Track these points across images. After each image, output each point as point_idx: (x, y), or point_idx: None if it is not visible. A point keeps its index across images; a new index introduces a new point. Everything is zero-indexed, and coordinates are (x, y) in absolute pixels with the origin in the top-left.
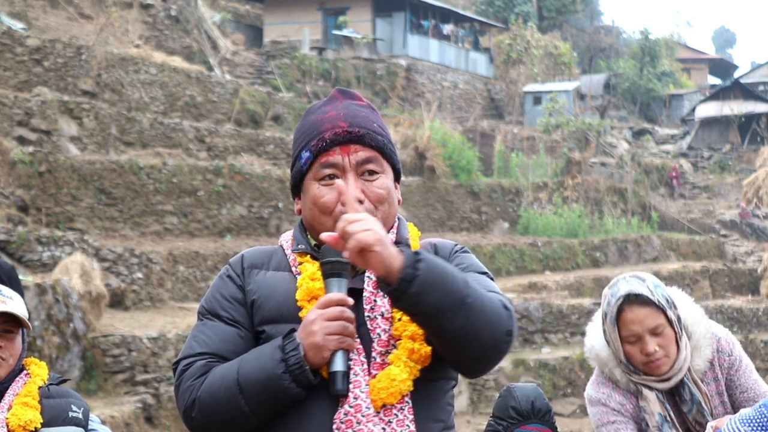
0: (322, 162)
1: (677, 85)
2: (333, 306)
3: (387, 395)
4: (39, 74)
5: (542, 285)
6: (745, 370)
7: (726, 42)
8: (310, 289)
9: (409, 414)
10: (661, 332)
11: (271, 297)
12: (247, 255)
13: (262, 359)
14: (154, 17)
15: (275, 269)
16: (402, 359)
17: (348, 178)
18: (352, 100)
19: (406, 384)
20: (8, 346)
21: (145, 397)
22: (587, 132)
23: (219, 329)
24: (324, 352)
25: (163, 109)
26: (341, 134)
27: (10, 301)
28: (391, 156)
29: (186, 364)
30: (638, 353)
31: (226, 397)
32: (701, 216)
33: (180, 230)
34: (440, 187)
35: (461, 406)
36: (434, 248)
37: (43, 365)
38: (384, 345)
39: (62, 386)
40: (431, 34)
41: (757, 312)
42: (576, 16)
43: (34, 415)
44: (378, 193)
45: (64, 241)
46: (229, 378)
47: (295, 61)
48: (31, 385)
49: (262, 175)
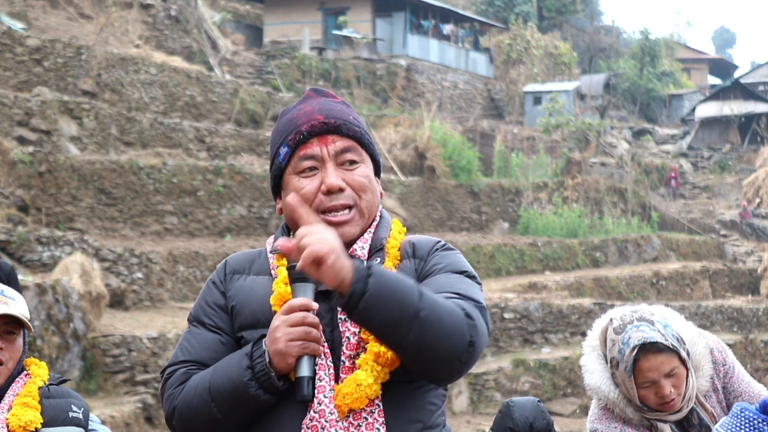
0: (300, 155)
1: (677, 85)
2: (295, 311)
3: (352, 401)
4: (39, 74)
5: (542, 285)
6: (738, 375)
7: (726, 42)
8: (282, 294)
9: (379, 417)
10: (675, 374)
11: (248, 302)
12: (230, 260)
13: (231, 367)
14: (154, 17)
15: (256, 273)
16: (369, 363)
17: (327, 168)
18: (326, 98)
19: (372, 389)
20: (9, 348)
21: (145, 397)
22: (587, 132)
23: (202, 337)
24: (288, 359)
25: (163, 109)
26: (318, 126)
27: (12, 302)
28: (369, 146)
29: (169, 372)
30: (653, 396)
31: (200, 406)
32: (701, 216)
33: (180, 230)
34: (440, 187)
35: (461, 406)
36: (412, 247)
37: (43, 365)
38: (353, 348)
39: (62, 386)
40: (431, 34)
41: (757, 312)
42: (576, 16)
43: (35, 415)
44: (359, 181)
45: (64, 241)
46: (202, 387)
47: (295, 61)
48: (31, 385)
49: (262, 175)
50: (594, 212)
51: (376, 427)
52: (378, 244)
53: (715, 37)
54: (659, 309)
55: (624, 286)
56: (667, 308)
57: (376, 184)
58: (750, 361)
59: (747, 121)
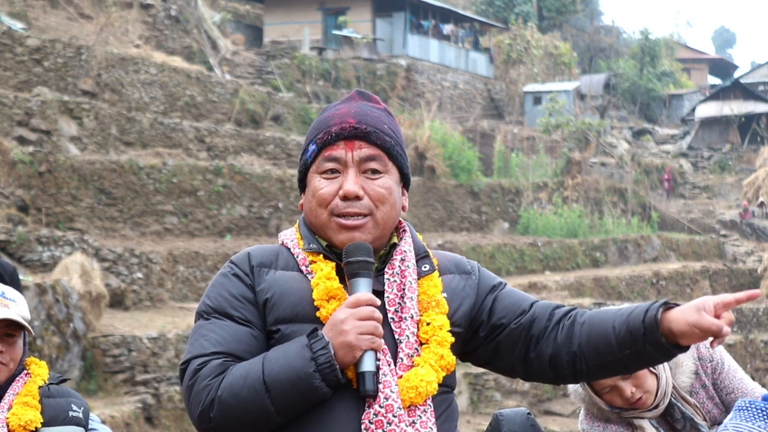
0: (325, 155)
1: (677, 85)
2: (363, 305)
3: (415, 395)
4: (39, 74)
5: (542, 285)
6: (728, 371)
7: (726, 42)
8: (329, 289)
9: (431, 416)
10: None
11: (285, 296)
12: (254, 253)
13: (290, 358)
14: (154, 17)
15: (283, 268)
16: (429, 362)
17: (348, 173)
18: (368, 102)
19: (433, 386)
20: (9, 351)
21: (145, 397)
22: (587, 132)
23: (231, 329)
24: (356, 352)
25: (163, 109)
26: (347, 129)
27: (12, 304)
28: (398, 158)
29: (200, 363)
30: (618, 399)
31: (251, 397)
32: (701, 216)
33: (180, 230)
34: (440, 187)
35: (461, 406)
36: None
37: (43, 365)
38: (411, 347)
39: (62, 386)
40: (431, 34)
41: (757, 312)
42: (576, 16)
43: (35, 414)
44: (379, 192)
45: (64, 241)
46: (254, 377)
47: (295, 61)
48: (31, 384)
49: (262, 175)
50: (594, 212)
51: (429, 426)
52: (422, 251)
53: (715, 37)
54: None
55: (624, 286)
56: None
57: (398, 197)
58: (750, 361)
59: (747, 121)
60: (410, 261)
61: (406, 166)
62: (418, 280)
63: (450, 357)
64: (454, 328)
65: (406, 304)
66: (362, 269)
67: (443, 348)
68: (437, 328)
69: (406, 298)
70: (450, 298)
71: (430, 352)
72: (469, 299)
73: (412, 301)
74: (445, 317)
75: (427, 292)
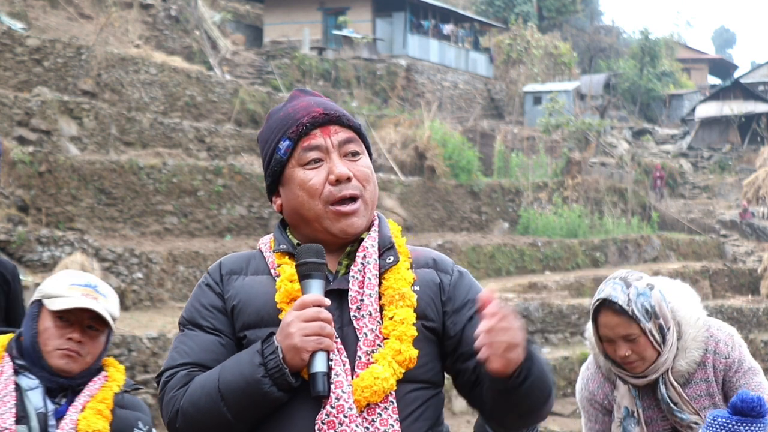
0: (304, 146)
1: (677, 85)
2: (309, 307)
3: (371, 393)
4: (39, 74)
5: (542, 285)
6: (745, 372)
7: (726, 42)
8: (289, 291)
9: (393, 413)
10: (633, 339)
11: (251, 301)
12: (224, 261)
13: (241, 365)
14: (154, 17)
15: (254, 274)
16: (387, 358)
17: (332, 158)
18: (314, 96)
19: (389, 382)
20: (88, 343)
21: (145, 397)
22: (587, 132)
23: (200, 339)
24: (302, 354)
25: (163, 109)
26: (319, 117)
27: (102, 299)
28: (366, 139)
29: (168, 375)
30: (613, 352)
31: (208, 406)
32: (701, 216)
33: (180, 230)
34: (440, 187)
35: (461, 406)
36: (433, 260)
37: (121, 369)
38: (370, 344)
39: (136, 397)
40: (431, 34)
41: (757, 312)
42: (576, 16)
43: (104, 426)
44: (363, 171)
45: (64, 241)
46: (210, 386)
47: (295, 61)
48: (107, 390)
49: (262, 175)
50: (594, 212)
51: (390, 423)
52: (387, 242)
53: (715, 37)
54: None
55: None
56: (680, 285)
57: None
58: None
59: (747, 121)
60: (371, 257)
61: (371, 148)
62: (383, 275)
63: (409, 351)
64: (427, 322)
65: (365, 301)
66: (312, 270)
67: (402, 342)
68: (398, 323)
69: (364, 295)
70: (422, 291)
71: (388, 348)
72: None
73: (370, 298)
74: (410, 311)
75: (392, 286)
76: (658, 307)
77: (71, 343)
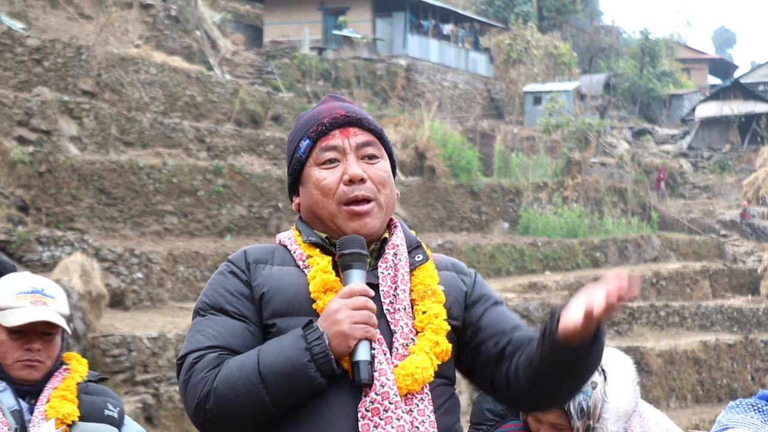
0: (322, 146)
1: (677, 85)
2: (357, 296)
3: (412, 382)
4: (39, 74)
5: (542, 285)
6: None
7: (726, 42)
8: (325, 281)
9: (429, 404)
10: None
11: (281, 290)
12: (250, 251)
13: (285, 349)
14: (154, 17)
15: (280, 264)
16: (424, 350)
17: (348, 159)
18: (344, 102)
19: (428, 372)
20: (47, 349)
21: (145, 397)
22: (587, 132)
23: (227, 324)
24: (350, 341)
25: (163, 109)
26: (340, 118)
27: (51, 301)
28: (387, 144)
29: (195, 357)
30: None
31: (246, 388)
32: (701, 216)
33: (180, 230)
34: (440, 187)
35: (462, 406)
36: (451, 263)
37: (83, 362)
38: (406, 337)
39: (100, 385)
40: (431, 34)
41: (757, 312)
42: (576, 16)
43: (72, 408)
44: (379, 175)
45: (64, 241)
46: (249, 369)
47: (295, 61)
48: (69, 380)
49: (262, 175)
50: (594, 212)
51: (427, 414)
52: (414, 242)
53: (715, 37)
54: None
55: None
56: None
57: (393, 182)
58: (750, 361)
59: (747, 121)
60: (402, 254)
61: (393, 153)
62: (412, 272)
63: (445, 344)
64: (451, 320)
65: (399, 296)
66: (355, 261)
67: (438, 335)
68: (433, 317)
69: (399, 290)
70: (446, 290)
71: (425, 340)
72: (462, 295)
73: (404, 293)
74: (441, 306)
75: (423, 282)
76: (593, 408)
77: (30, 353)
